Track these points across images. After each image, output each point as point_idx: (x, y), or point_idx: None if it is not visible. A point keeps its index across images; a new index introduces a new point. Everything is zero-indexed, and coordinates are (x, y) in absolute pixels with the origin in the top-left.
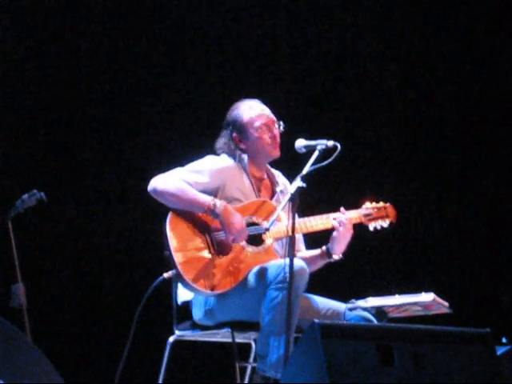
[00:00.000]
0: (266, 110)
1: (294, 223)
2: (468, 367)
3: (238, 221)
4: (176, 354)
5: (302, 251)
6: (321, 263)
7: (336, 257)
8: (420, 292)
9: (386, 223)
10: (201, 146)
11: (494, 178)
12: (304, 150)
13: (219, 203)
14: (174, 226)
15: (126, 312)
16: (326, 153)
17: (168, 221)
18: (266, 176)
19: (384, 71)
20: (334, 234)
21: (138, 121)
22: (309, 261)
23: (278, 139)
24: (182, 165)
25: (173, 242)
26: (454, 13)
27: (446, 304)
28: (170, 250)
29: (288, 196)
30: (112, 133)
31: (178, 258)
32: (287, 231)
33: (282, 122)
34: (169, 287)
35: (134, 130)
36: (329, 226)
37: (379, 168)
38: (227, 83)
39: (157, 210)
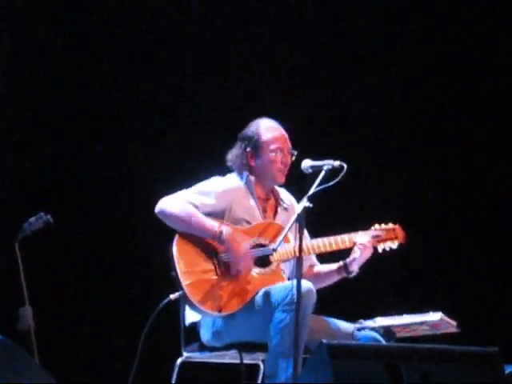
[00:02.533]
0: (284, 136)
1: (300, 244)
2: None
3: (243, 249)
4: (184, 375)
5: (318, 265)
6: (337, 278)
7: (354, 273)
8: (428, 311)
9: (394, 245)
10: (207, 167)
11: (501, 193)
12: (310, 171)
13: (225, 230)
14: (181, 248)
15: (134, 334)
16: (333, 173)
17: (175, 242)
18: (271, 195)
19: (389, 87)
20: (355, 252)
21: (145, 141)
22: (325, 275)
23: (288, 167)
24: (188, 186)
25: (179, 263)
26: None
27: (454, 323)
28: (176, 272)
29: (294, 216)
30: (119, 154)
31: (184, 279)
32: (294, 253)
33: (295, 152)
34: (177, 308)
35: (140, 151)
36: (339, 247)
37: (385, 186)
38: (231, 100)
39: (164, 230)
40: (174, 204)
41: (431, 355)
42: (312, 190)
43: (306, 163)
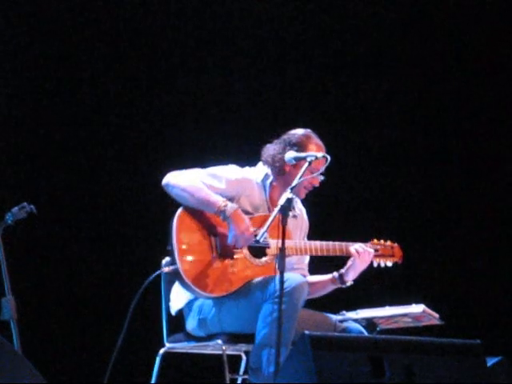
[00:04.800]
0: (326, 161)
1: (283, 235)
2: (459, 378)
3: (246, 226)
4: (167, 365)
5: (308, 276)
6: (331, 288)
7: (349, 283)
8: (410, 303)
9: (390, 263)
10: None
11: (488, 190)
12: (294, 162)
13: (230, 205)
14: (182, 223)
15: (117, 326)
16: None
17: (176, 216)
18: None
19: (389, 100)
20: (351, 262)
21: (137, 122)
22: (319, 286)
23: (311, 188)
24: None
25: (177, 238)
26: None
27: (437, 315)
28: (172, 246)
29: (278, 207)
30: (98, 143)
31: (180, 254)
32: (294, 250)
33: (325, 179)
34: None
35: (121, 137)
36: (336, 253)
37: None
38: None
39: (148, 220)
40: (182, 177)
41: (414, 347)
42: (295, 182)
43: (290, 154)
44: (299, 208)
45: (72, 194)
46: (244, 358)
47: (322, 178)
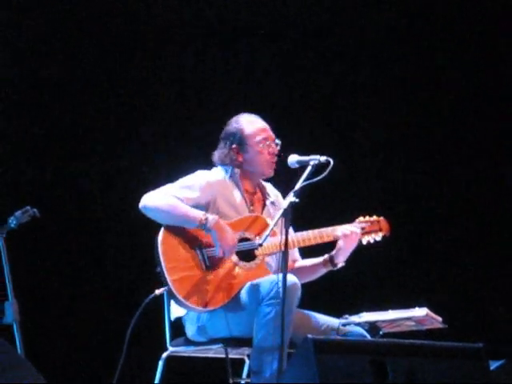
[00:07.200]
0: (266, 127)
1: (286, 239)
2: (462, 382)
3: (230, 235)
4: (169, 370)
5: (300, 260)
6: (323, 271)
7: (340, 265)
8: (413, 307)
9: (379, 237)
10: (191, 161)
11: (485, 186)
12: (297, 166)
13: (211, 218)
14: (166, 242)
15: (120, 328)
16: (319, 168)
17: (160, 237)
18: (257, 189)
19: (379, 82)
20: (339, 244)
21: (129, 136)
22: (310, 270)
23: (275, 158)
24: (172, 180)
25: (164, 258)
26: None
27: (440, 319)
28: (161, 267)
29: (281, 211)
30: (104, 147)
31: (169, 274)
32: (280, 246)
33: (279, 141)
34: (162, 302)
35: (126, 145)
36: (323, 240)
37: (371, 180)
38: (217, 95)
39: (150, 226)
40: (157, 198)
41: (417, 351)
42: (298, 185)
43: (293, 158)
44: (275, 194)
45: (75, 196)
46: (247, 361)
47: (277, 141)
